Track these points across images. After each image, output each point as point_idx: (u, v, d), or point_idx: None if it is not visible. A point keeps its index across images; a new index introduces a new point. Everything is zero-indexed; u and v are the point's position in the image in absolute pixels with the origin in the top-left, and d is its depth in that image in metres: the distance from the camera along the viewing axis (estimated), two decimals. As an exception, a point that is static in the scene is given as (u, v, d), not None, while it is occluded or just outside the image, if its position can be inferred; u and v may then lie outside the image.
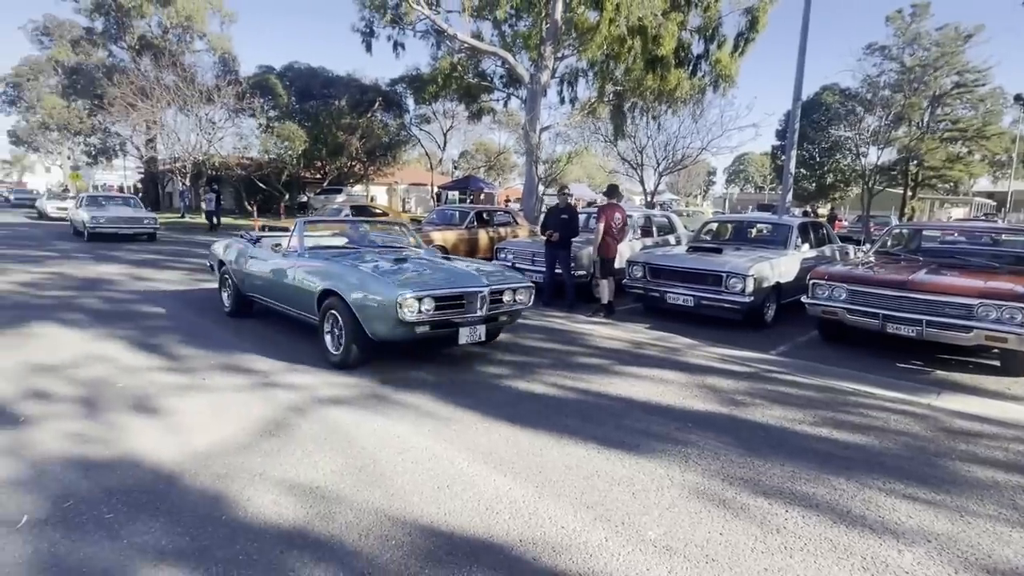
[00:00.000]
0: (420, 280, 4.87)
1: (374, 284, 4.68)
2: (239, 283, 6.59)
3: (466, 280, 4.97)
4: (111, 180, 52.28)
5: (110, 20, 31.12)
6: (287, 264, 5.67)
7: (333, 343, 4.99)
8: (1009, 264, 6.39)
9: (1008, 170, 41.93)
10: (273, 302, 5.99)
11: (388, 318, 4.50)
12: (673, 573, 2.32)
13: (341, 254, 5.79)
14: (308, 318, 5.37)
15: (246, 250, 6.55)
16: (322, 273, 5.12)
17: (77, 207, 17.37)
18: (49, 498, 2.78)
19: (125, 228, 16.34)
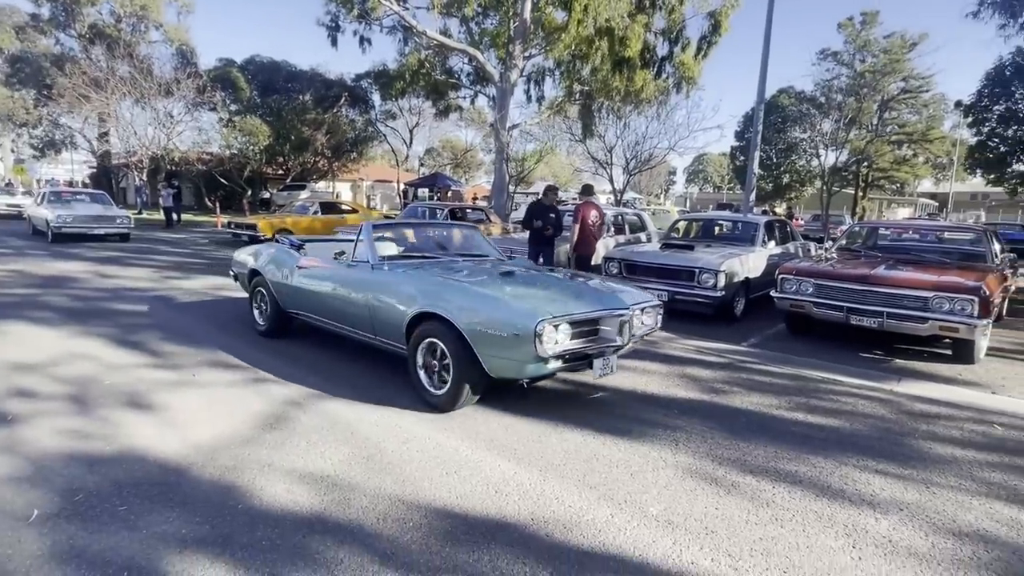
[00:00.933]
0: (550, 299, 3.92)
1: (498, 306, 3.70)
2: (280, 298, 5.54)
3: (602, 299, 4.05)
4: (59, 174, 49.91)
5: (58, 6, 29.72)
6: (358, 279, 4.61)
7: (432, 381, 4.01)
8: (959, 259, 6.86)
9: (949, 172, 44.22)
10: (333, 323, 4.94)
11: (520, 352, 3.50)
12: (678, 544, 2.50)
13: (427, 265, 4.75)
14: (389, 346, 4.36)
15: (290, 259, 5.51)
16: (414, 290, 4.13)
17: (38, 204, 15.65)
18: (57, 493, 2.77)
19: (95, 228, 14.57)
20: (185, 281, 9.17)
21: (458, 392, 3.81)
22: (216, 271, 10.43)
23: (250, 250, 6.36)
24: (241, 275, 6.36)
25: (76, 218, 14.31)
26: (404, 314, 4.07)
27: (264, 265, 5.81)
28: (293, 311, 5.48)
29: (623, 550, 2.45)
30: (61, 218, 13.93)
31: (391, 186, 38.24)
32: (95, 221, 14.64)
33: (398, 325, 4.14)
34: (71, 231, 14.07)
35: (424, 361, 4.05)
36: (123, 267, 10.51)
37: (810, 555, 2.44)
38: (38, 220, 15.13)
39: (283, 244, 5.99)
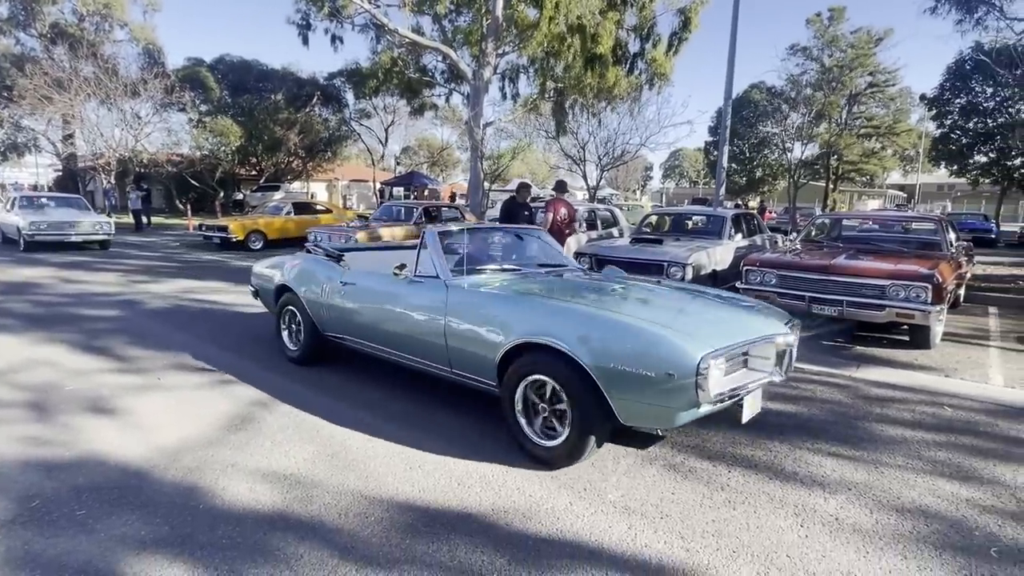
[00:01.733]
0: (702, 323, 3.18)
1: (639, 336, 2.85)
2: (318, 320, 4.69)
3: (762, 319, 3.38)
4: (22, 178, 48.57)
5: (17, 5, 28.85)
6: (427, 298, 3.75)
7: (538, 429, 3.21)
8: (916, 249, 7.09)
9: (916, 164, 45.35)
10: (389, 351, 4.11)
11: (673, 396, 2.72)
12: (633, 529, 2.57)
13: (514, 279, 3.96)
14: (471, 381, 3.57)
15: (332, 273, 4.65)
16: (509, 314, 3.33)
17: (8, 210, 14.56)
18: (13, 499, 2.74)
19: (72, 235, 13.51)
20: (154, 285, 9.04)
21: (579, 444, 3.00)
22: (187, 274, 10.30)
23: (276, 262, 5.45)
24: (265, 291, 5.49)
25: (51, 224, 13.34)
26: (497, 345, 3.25)
27: (297, 280, 4.93)
28: (334, 335, 4.62)
29: (580, 536, 2.51)
30: (34, 225, 13.04)
31: (367, 185, 37.97)
32: (71, 227, 13.59)
33: (487, 358, 3.33)
34: (45, 239, 13.18)
35: (527, 404, 3.25)
36: (89, 272, 10.30)
37: (759, 535, 2.54)
38: (8, 227, 14.26)
39: (317, 254, 5.18)
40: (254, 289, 5.75)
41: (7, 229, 14.36)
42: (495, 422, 3.63)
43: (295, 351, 5.01)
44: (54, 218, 13.63)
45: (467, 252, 4.07)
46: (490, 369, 3.34)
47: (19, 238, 13.26)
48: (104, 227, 13.96)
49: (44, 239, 13.17)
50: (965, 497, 2.91)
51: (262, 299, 5.68)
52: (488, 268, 4.07)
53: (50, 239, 13.25)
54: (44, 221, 13.29)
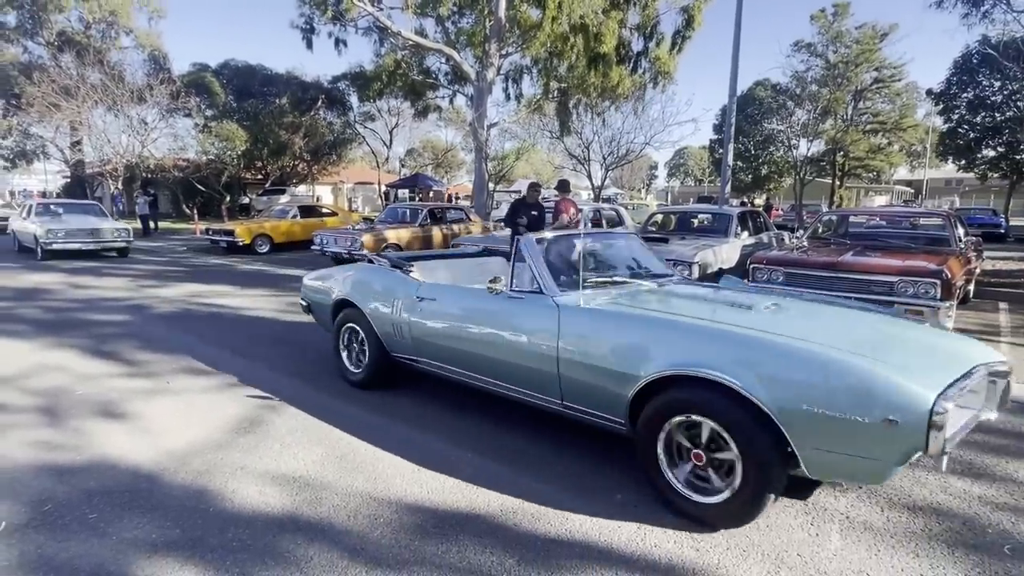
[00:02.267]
0: (898, 349, 2.66)
1: (843, 371, 2.28)
2: (387, 339, 4.17)
3: (960, 350, 2.79)
4: (31, 185, 48.99)
5: (24, 14, 29.14)
6: (531, 319, 3.19)
7: (690, 480, 2.65)
8: (924, 244, 7.04)
9: (923, 159, 45.05)
10: (481, 378, 3.55)
11: (890, 446, 2.20)
12: (642, 529, 2.56)
13: (636, 294, 3.42)
14: (592, 419, 3.00)
15: (405, 287, 4.10)
16: (645, 337, 2.77)
17: (25, 218, 14.10)
18: (26, 504, 2.77)
19: (90, 243, 13.05)
20: (162, 289, 9.10)
21: (755, 502, 2.43)
22: (195, 279, 10.36)
23: (332, 273, 4.95)
24: (319, 307, 4.95)
25: (68, 232, 12.86)
26: (631, 378, 2.70)
27: (361, 295, 4.37)
28: (406, 357, 4.12)
29: (588, 536, 2.51)
30: (52, 233, 12.63)
31: (373, 188, 38.07)
32: (89, 235, 13.13)
33: (615, 392, 2.78)
34: (63, 247, 12.76)
35: (673, 451, 2.69)
36: (98, 277, 10.38)
37: (769, 534, 2.52)
38: (25, 235, 13.82)
39: (382, 264, 4.62)
40: (305, 304, 5.19)
41: (24, 237, 14.01)
42: (508, 424, 3.63)
43: (358, 374, 4.45)
44: (72, 225, 13.15)
45: (567, 262, 3.62)
46: (619, 405, 2.79)
47: (36, 246, 12.85)
48: (123, 234, 13.54)
49: (62, 247, 12.77)
50: (977, 494, 2.89)
51: (315, 315, 5.14)
52: (590, 279, 3.40)
53: (68, 247, 12.85)
54: (62, 229, 12.87)
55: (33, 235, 12.90)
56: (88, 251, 13.30)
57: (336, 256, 11.82)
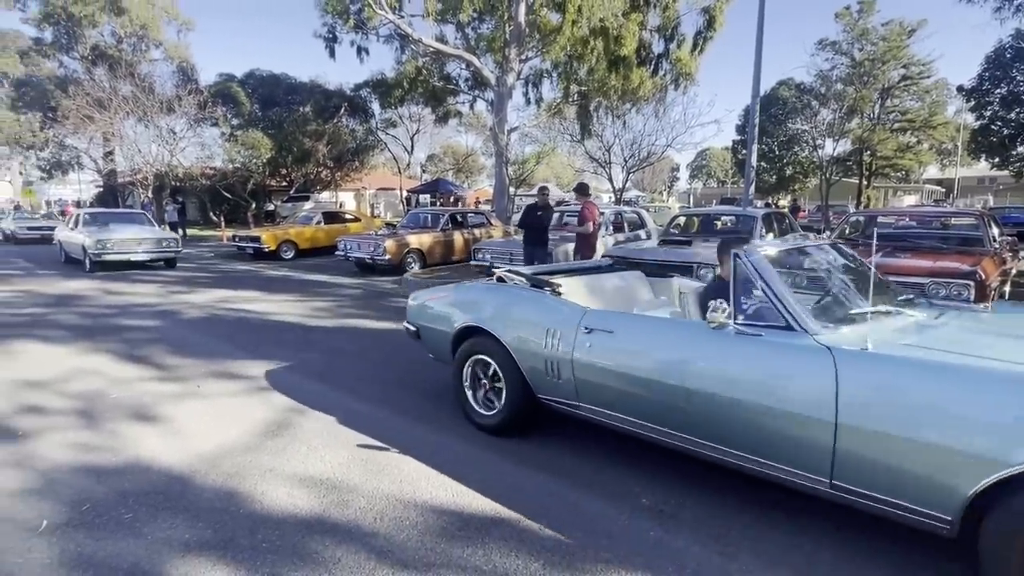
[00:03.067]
0: None
1: None
2: (536, 378, 3.38)
3: None
4: (66, 195, 50.58)
5: (60, 30, 30.18)
6: (794, 368, 2.40)
7: None
8: (956, 245, 6.86)
9: (954, 158, 43.92)
10: (695, 440, 2.74)
11: None
12: (668, 533, 2.55)
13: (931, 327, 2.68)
14: (888, 510, 2.19)
15: (562, 313, 3.33)
16: (1006, 403, 1.94)
17: (73, 228, 13.64)
18: (65, 503, 2.86)
19: (139, 253, 12.52)
20: (191, 295, 9.31)
21: None
22: (222, 284, 10.58)
23: (449, 293, 4.19)
24: (433, 334, 4.12)
25: (118, 243, 12.30)
26: (972, 465, 1.93)
27: (500, 322, 3.57)
28: (561, 401, 3.32)
29: (614, 540, 2.50)
30: (101, 243, 12.06)
31: (394, 193, 38.44)
32: (139, 245, 12.57)
33: (943, 483, 2.01)
34: (113, 258, 12.21)
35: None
36: (130, 283, 10.66)
37: (796, 539, 2.48)
38: (72, 246, 13.36)
39: (516, 283, 3.85)
40: (413, 329, 4.35)
41: (71, 248, 13.53)
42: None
43: (491, 417, 3.66)
44: (121, 235, 12.55)
45: (806, 282, 3.03)
46: (945, 499, 2.01)
47: (84, 257, 12.37)
48: (171, 244, 12.99)
49: (111, 258, 12.19)
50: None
51: (427, 343, 4.28)
52: (856, 310, 2.68)
53: (117, 258, 12.29)
54: (111, 239, 12.27)
55: (81, 246, 12.46)
56: (137, 262, 12.80)
57: (359, 261, 11.96)
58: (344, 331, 6.75)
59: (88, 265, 12.25)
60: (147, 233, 13.13)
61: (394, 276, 11.18)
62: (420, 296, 4.46)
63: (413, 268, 11.78)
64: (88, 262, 12.21)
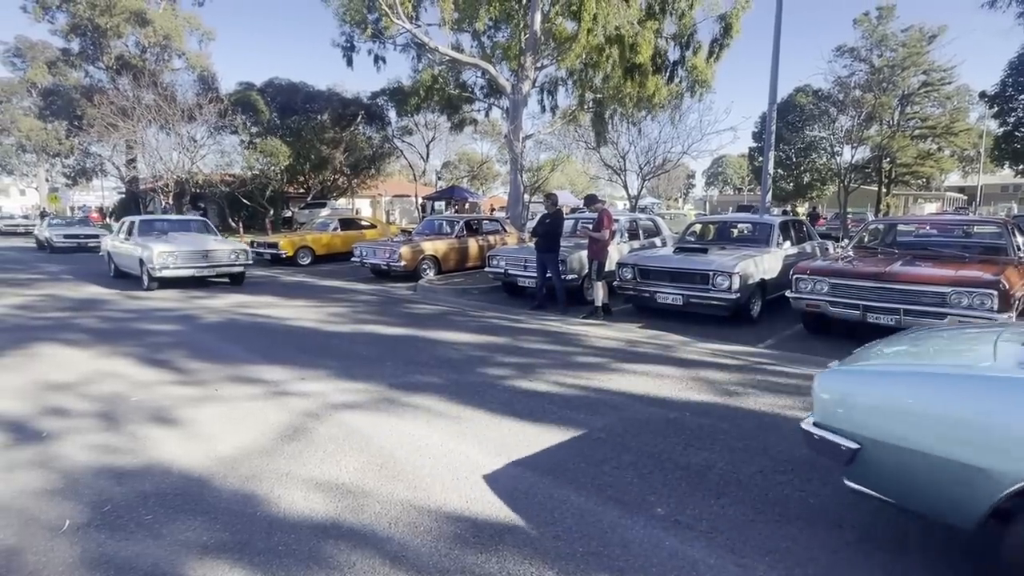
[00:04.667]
0: None
1: None
2: None
3: None
4: (89, 201, 51.65)
5: (87, 40, 30.95)
6: None
7: None
8: (979, 253, 6.74)
9: (976, 165, 43.18)
10: None
11: None
12: (684, 544, 2.53)
13: None
14: None
15: None
16: None
17: (125, 238, 11.71)
18: (87, 504, 2.91)
19: (204, 268, 10.63)
20: (210, 300, 9.44)
21: None
22: (241, 290, 10.71)
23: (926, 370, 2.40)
24: (933, 472, 2.11)
25: (183, 255, 10.39)
26: None
27: None
28: None
29: (629, 550, 2.49)
30: (166, 256, 10.21)
31: (410, 200, 38.71)
32: (204, 259, 10.66)
33: None
34: (177, 273, 10.32)
35: None
36: (149, 289, 10.83)
37: (814, 551, 2.45)
38: (124, 259, 11.52)
39: None
40: (853, 447, 2.28)
41: (123, 261, 11.64)
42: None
43: None
44: (186, 247, 10.58)
45: None
46: None
47: (141, 272, 10.44)
48: (241, 256, 11.05)
49: (175, 274, 10.24)
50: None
51: (893, 477, 2.26)
52: None
53: (182, 274, 10.34)
54: (176, 251, 10.33)
55: (138, 259, 10.53)
56: (203, 278, 11.11)
57: (375, 267, 12.06)
58: (361, 336, 6.80)
59: (146, 281, 10.37)
60: (214, 243, 11.14)
61: (409, 282, 11.24)
62: (846, 374, 2.50)
63: (428, 274, 11.84)
64: (147, 278, 10.36)
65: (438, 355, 5.85)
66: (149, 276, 10.31)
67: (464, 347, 6.25)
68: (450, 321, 7.76)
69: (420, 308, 8.85)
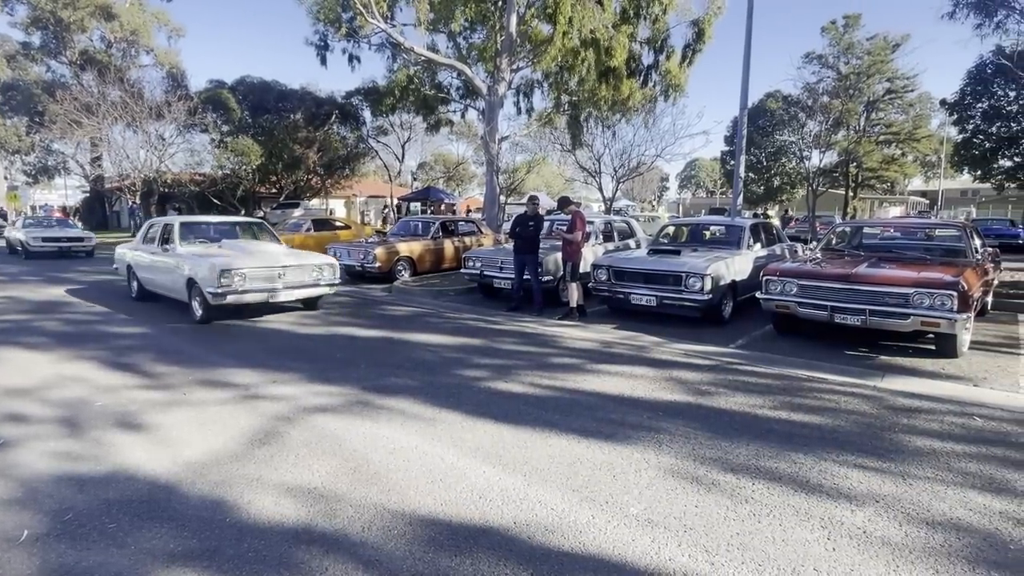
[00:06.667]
0: None
1: None
2: None
3: None
4: (52, 200, 50.01)
5: (48, 34, 30.03)
6: None
7: None
8: (940, 256, 6.97)
9: (938, 170, 44.60)
10: None
11: None
12: (656, 542, 2.55)
13: None
14: None
15: None
16: None
17: (159, 248, 8.51)
18: (47, 513, 2.81)
19: (282, 291, 7.57)
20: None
21: None
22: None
23: None
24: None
25: (256, 274, 7.33)
26: None
27: None
28: None
29: (603, 550, 2.50)
30: (230, 277, 7.07)
31: (385, 201, 38.42)
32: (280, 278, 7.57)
33: None
34: (246, 299, 7.28)
35: None
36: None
37: (785, 548, 2.50)
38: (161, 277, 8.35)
39: None
40: None
41: (156, 279, 8.59)
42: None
43: None
44: (258, 261, 7.49)
45: None
46: None
47: (190, 297, 7.56)
48: (327, 274, 8.05)
49: (241, 300, 7.27)
50: (998, 509, 2.84)
51: None
52: None
53: (252, 299, 7.38)
54: (246, 268, 7.24)
55: (185, 278, 7.53)
56: (275, 304, 8.16)
57: (349, 269, 11.92)
58: (334, 338, 6.71)
59: (200, 311, 7.45)
60: (289, 256, 8.10)
61: (384, 284, 11.15)
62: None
63: (403, 276, 11.76)
64: (202, 308, 7.41)
65: (413, 357, 5.81)
66: (204, 303, 7.29)
67: (439, 349, 6.22)
68: (425, 323, 7.71)
69: (395, 310, 8.78)
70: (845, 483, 3.11)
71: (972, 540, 2.58)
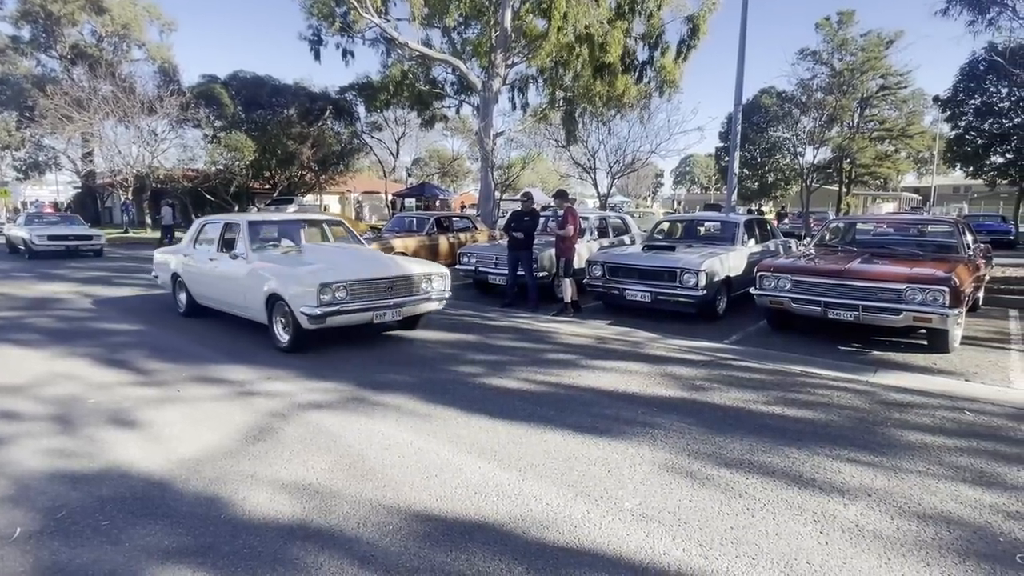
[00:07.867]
0: None
1: None
2: None
3: None
4: (43, 196, 49.59)
5: (38, 28, 29.69)
6: None
7: None
8: (932, 251, 7.01)
9: (931, 166, 44.84)
10: None
11: None
12: (651, 537, 2.56)
13: None
14: None
15: None
16: None
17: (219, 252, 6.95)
18: (40, 511, 2.80)
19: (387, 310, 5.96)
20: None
21: None
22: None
23: None
24: None
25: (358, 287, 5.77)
26: None
27: None
28: None
29: (598, 544, 2.51)
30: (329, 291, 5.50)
31: (380, 197, 38.29)
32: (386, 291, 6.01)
33: None
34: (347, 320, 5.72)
35: None
36: (109, 287, 10.48)
37: (778, 541, 2.52)
38: (227, 291, 6.73)
39: None
40: None
41: (216, 294, 7.01)
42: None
43: None
44: (360, 273, 5.88)
45: None
46: None
47: (271, 320, 5.98)
48: (437, 284, 6.62)
49: (346, 321, 5.72)
50: (988, 503, 2.87)
51: None
52: None
53: (354, 320, 5.81)
54: (346, 281, 5.65)
55: (265, 294, 5.91)
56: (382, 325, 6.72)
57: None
58: (328, 334, 6.68)
59: (285, 336, 5.89)
60: (393, 264, 6.54)
61: (379, 280, 11.11)
62: None
63: (398, 272, 11.72)
64: (289, 331, 5.82)
65: (408, 353, 5.81)
66: (294, 325, 5.70)
67: (434, 345, 6.22)
68: (420, 319, 7.69)
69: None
70: (838, 477, 3.13)
71: (963, 533, 2.60)
